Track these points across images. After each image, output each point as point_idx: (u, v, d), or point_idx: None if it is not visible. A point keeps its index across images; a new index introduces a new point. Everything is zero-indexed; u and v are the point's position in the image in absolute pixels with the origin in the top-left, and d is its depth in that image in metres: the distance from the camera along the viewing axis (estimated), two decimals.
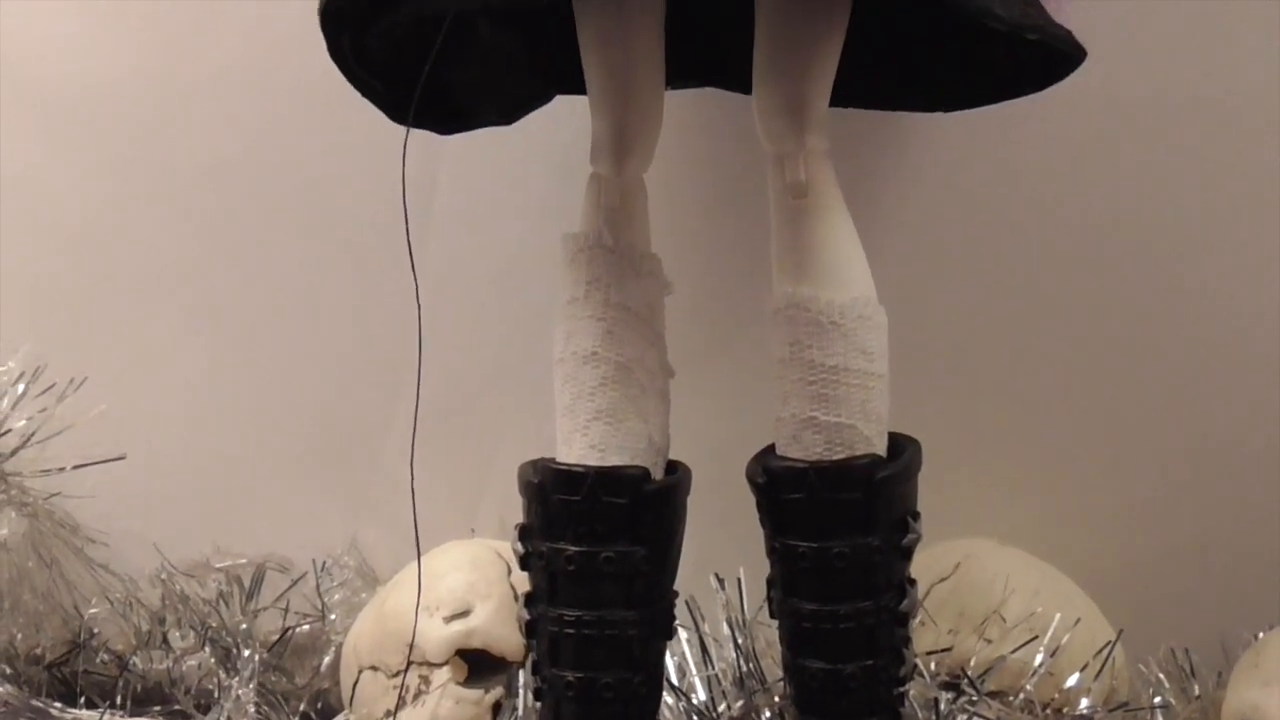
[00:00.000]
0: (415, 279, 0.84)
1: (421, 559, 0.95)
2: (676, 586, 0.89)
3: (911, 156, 1.11)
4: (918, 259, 1.11)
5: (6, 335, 1.17)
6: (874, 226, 0.91)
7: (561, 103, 1.00)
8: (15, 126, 1.21)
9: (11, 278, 1.23)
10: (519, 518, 0.87)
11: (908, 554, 0.82)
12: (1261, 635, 1.02)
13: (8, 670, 1.16)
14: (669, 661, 0.99)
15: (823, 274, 0.82)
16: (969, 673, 0.95)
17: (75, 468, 1.16)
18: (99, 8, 1.19)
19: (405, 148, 0.81)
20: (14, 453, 1.15)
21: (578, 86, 0.91)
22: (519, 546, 0.86)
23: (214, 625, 1.16)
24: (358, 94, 0.87)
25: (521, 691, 1.01)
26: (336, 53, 0.82)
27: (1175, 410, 1.13)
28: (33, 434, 1.15)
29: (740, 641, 1.02)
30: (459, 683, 1.02)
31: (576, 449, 0.86)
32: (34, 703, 1.13)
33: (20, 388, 1.16)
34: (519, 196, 1.17)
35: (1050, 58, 0.83)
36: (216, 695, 1.13)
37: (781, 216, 0.83)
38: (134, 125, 1.21)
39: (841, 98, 0.87)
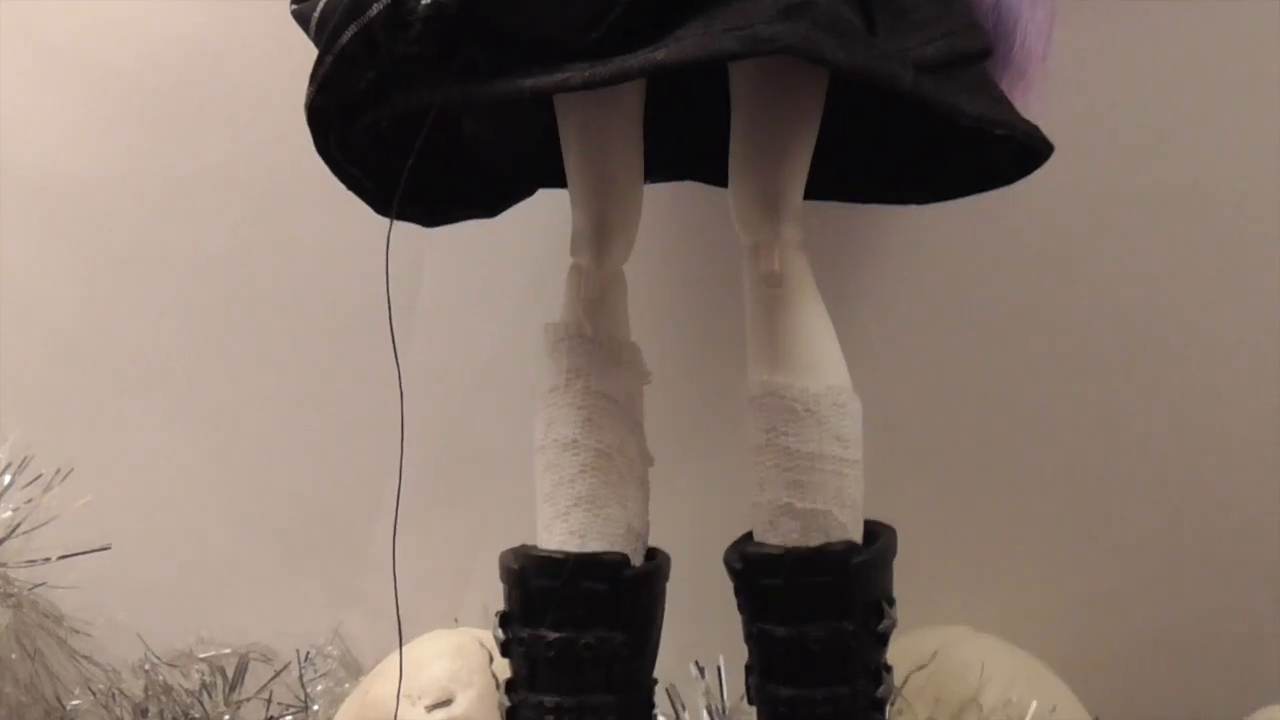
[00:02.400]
0: (399, 368, 0.85)
1: (404, 647, 0.95)
2: (656, 674, 0.89)
3: (884, 247, 1.13)
4: (890, 347, 1.12)
5: None
6: (847, 315, 0.93)
7: (543, 195, 1.02)
8: (4, 219, 1.23)
9: (2, 369, 1.24)
10: (502, 605, 0.88)
11: (883, 639, 0.83)
12: None
13: None
14: None
15: (798, 362, 0.83)
16: None
17: (60, 558, 1.16)
18: (87, 104, 1.21)
19: (389, 240, 0.83)
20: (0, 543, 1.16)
21: (559, 180, 0.93)
22: (500, 633, 0.87)
23: (197, 716, 1.16)
24: (343, 188, 0.89)
25: None
26: (323, 149, 0.84)
27: (1151, 497, 1.14)
28: (19, 525, 1.16)
29: None
30: None
31: (557, 535, 0.87)
32: None
33: (7, 478, 1.17)
34: (501, 287, 1.19)
35: (1019, 152, 0.85)
36: None
37: (757, 305, 0.85)
38: (120, 219, 1.22)
39: (816, 191, 0.89)
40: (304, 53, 0.83)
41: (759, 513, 0.84)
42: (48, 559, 1.16)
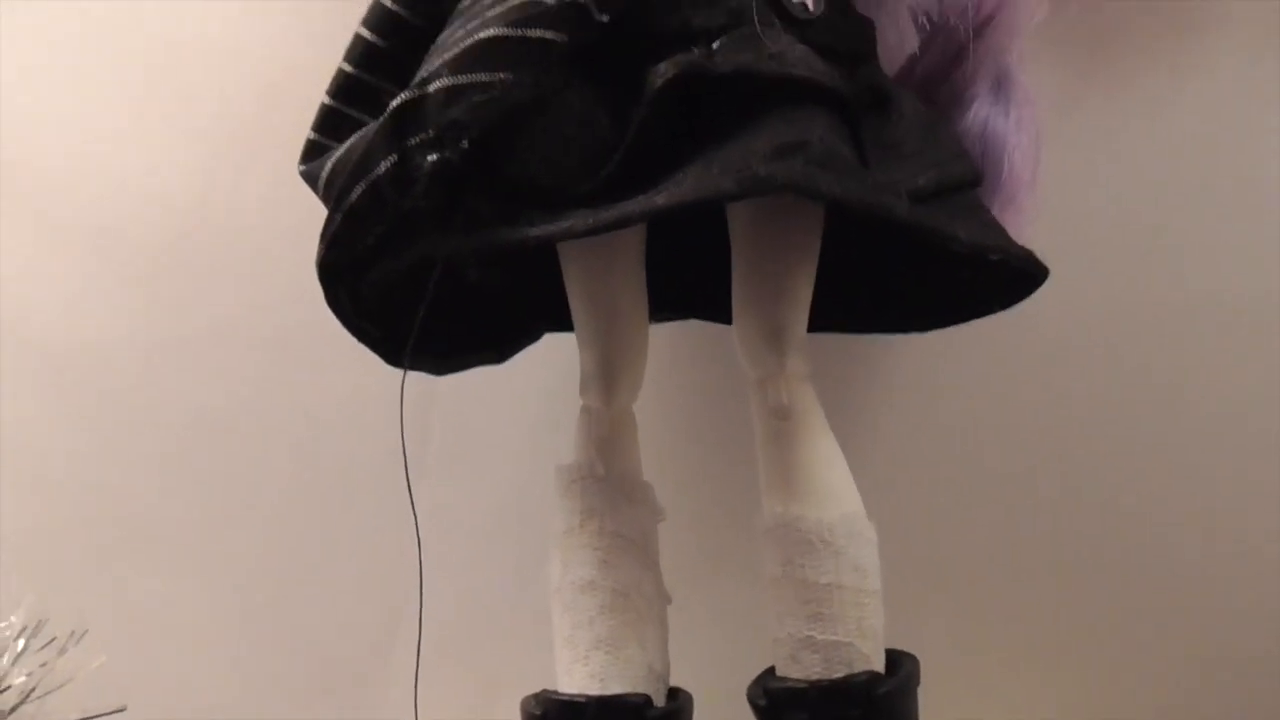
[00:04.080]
0: (415, 518, 0.85)
1: None
2: None
3: (888, 374, 1.14)
4: (901, 472, 1.13)
5: (8, 589, 1.17)
6: (857, 442, 0.94)
7: (550, 338, 1.03)
8: (10, 380, 1.23)
9: (12, 533, 1.24)
10: None
11: None
12: None
13: None
14: None
15: (810, 493, 0.84)
16: None
17: None
18: (89, 265, 1.22)
19: (403, 391, 0.84)
20: (14, 709, 1.15)
21: (565, 323, 0.95)
22: None
23: None
24: (350, 340, 0.89)
25: None
26: (334, 303, 0.85)
27: (1175, 621, 1.14)
28: (33, 689, 1.15)
29: None
30: None
31: (577, 679, 0.86)
32: None
33: (21, 643, 1.16)
34: (512, 431, 1.20)
35: (1014, 276, 0.87)
36: None
37: (766, 438, 0.86)
38: (126, 379, 1.23)
39: (818, 323, 0.90)
40: (308, 209, 0.86)
41: (779, 647, 0.83)
42: None
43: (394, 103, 0.78)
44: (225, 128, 1.20)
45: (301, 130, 0.89)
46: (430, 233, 0.79)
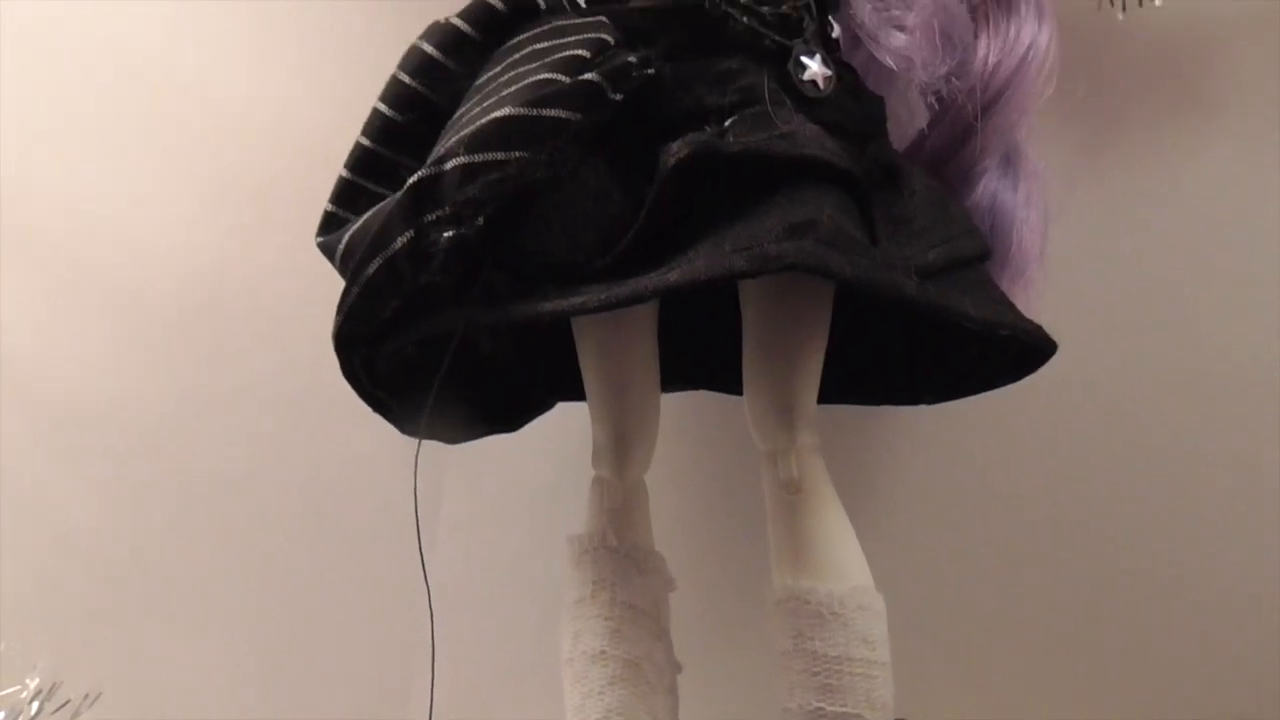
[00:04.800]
0: (428, 588, 0.86)
1: None
2: None
3: (898, 446, 1.15)
4: (911, 545, 1.14)
5: (23, 651, 1.17)
6: (866, 515, 0.95)
7: (561, 406, 1.04)
8: (29, 443, 1.24)
9: (28, 594, 1.24)
10: None
11: None
12: None
13: None
14: None
15: (820, 565, 0.84)
16: None
17: None
18: (111, 329, 1.23)
19: (417, 463, 0.84)
20: None
21: (577, 392, 0.95)
22: None
23: None
24: (364, 407, 0.90)
25: None
26: (349, 374, 0.86)
27: (1185, 691, 1.14)
28: None
29: None
30: None
31: None
32: None
33: (35, 706, 1.16)
34: (523, 500, 1.20)
35: (1023, 350, 0.88)
36: None
37: (777, 510, 0.87)
38: (146, 441, 1.24)
39: (828, 395, 0.91)
40: (323, 275, 0.86)
41: (789, 717, 0.84)
42: None
43: (411, 179, 0.79)
44: (243, 195, 1.21)
45: (319, 198, 0.90)
46: (446, 307, 0.80)
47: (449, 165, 0.78)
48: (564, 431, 1.04)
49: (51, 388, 1.24)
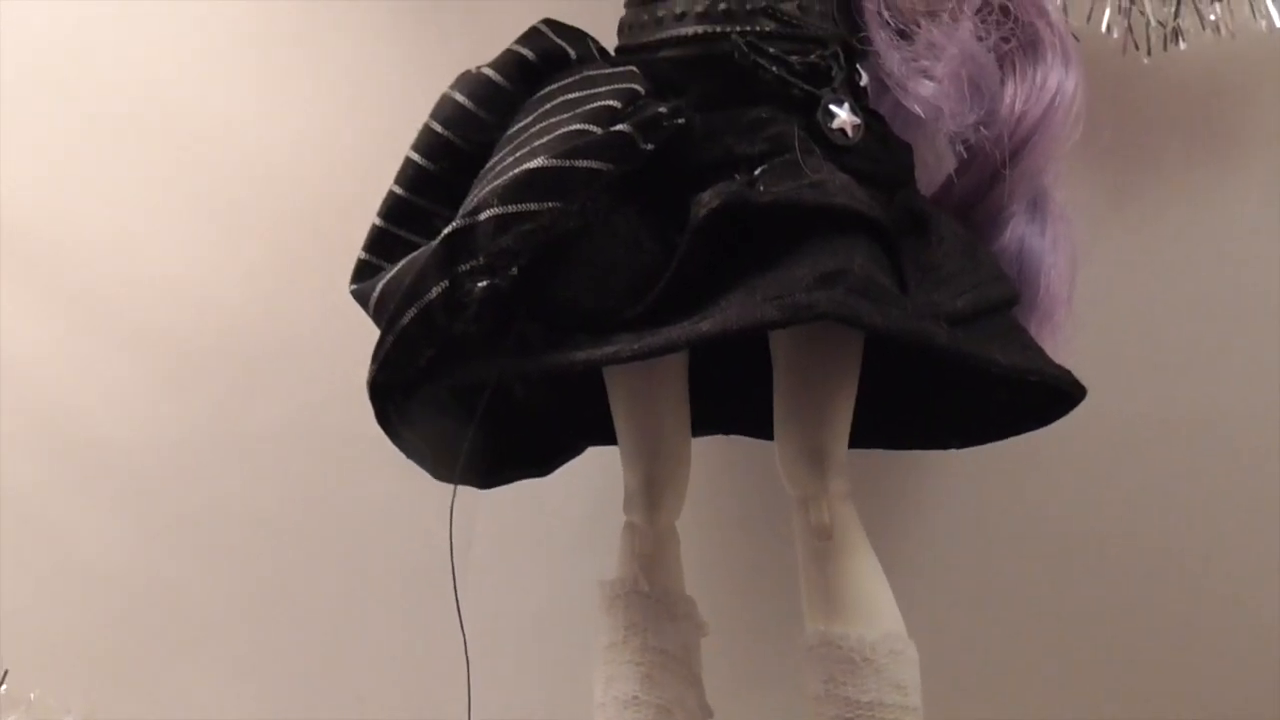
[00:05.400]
0: (463, 628, 0.86)
1: None
2: None
3: (928, 490, 1.15)
4: (943, 591, 1.14)
5: (59, 693, 1.18)
6: (898, 561, 0.95)
7: (593, 451, 1.05)
8: (58, 484, 1.25)
9: (61, 635, 1.25)
10: None
11: None
12: None
13: None
14: None
15: (852, 611, 0.84)
16: None
17: None
18: (143, 369, 1.24)
19: (452, 507, 0.85)
20: None
21: (609, 438, 0.96)
22: None
23: None
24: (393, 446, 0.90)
25: None
26: (383, 420, 0.86)
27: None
28: None
29: None
30: None
31: None
32: None
33: None
34: (554, 542, 1.21)
35: (1051, 395, 0.88)
36: None
37: (808, 557, 0.87)
38: (176, 481, 1.24)
39: (857, 440, 0.91)
40: (354, 316, 0.88)
41: None
42: None
43: (445, 230, 0.80)
44: (274, 235, 1.22)
45: (349, 239, 0.91)
46: (480, 356, 0.81)
47: (483, 216, 0.79)
48: (593, 473, 1.04)
49: (81, 425, 1.25)
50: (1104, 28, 1.04)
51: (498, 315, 0.79)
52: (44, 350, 1.23)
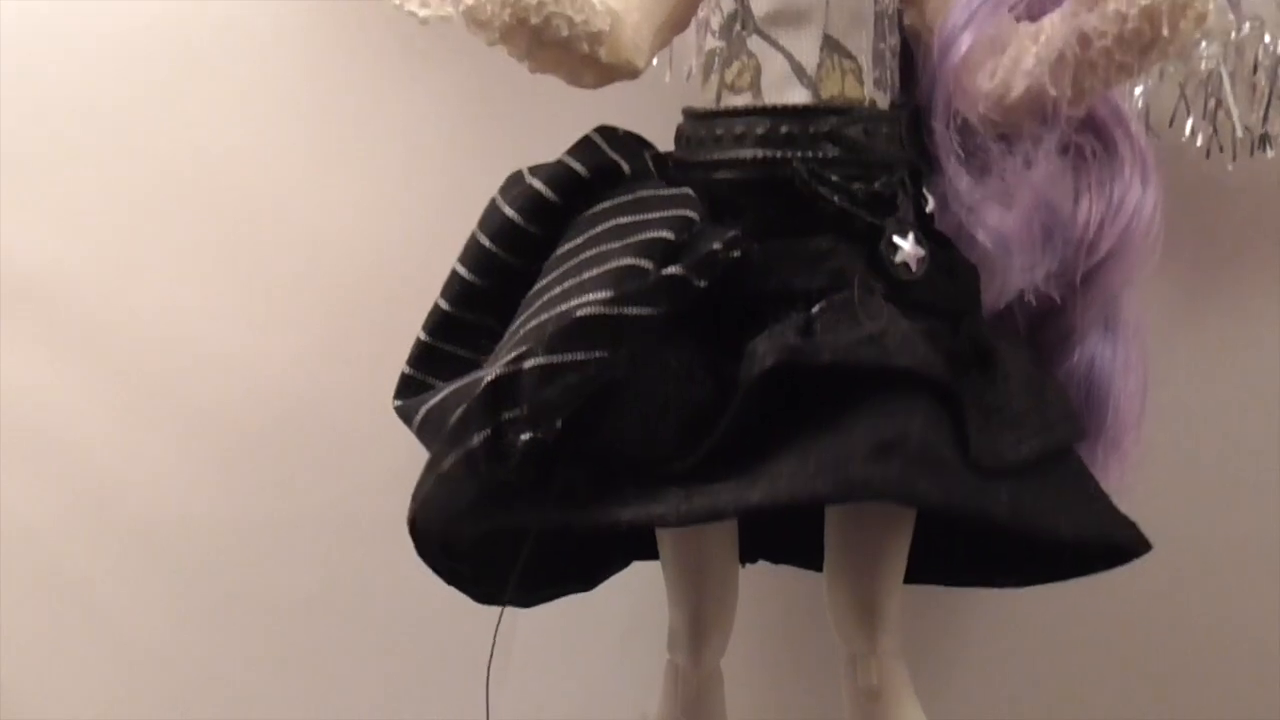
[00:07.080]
0: None
1: None
2: None
3: (979, 645, 1.12)
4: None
5: None
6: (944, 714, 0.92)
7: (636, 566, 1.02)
8: (104, 560, 1.24)
9: (107, 709, 1.25)
10: None
11: None
12: None
13: None
14: None
15: None
16: None
17: None
18: (184, 446, 1.23)
19: (497, 631, 0.84)
20: None
21: (652, 552, 0.94)
22: None
23: None
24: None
25: None
26: (425, 553, 0.85)
27: None
28: None
29: None
30: None
31: None
32: None
33: None
34: (596, 652, 1.20)
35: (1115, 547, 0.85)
36: None
37: (857, 713, 0.85)
38: (220, 559, 1.23)
39: (913, 576, 0.88)
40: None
41: None
42: None
43: (489, 377, 0.77)
44: (324, 315, 1.21)
45: (400, 320, 0.90)
46: (523, 503, 0.78)
47: (527, 365, 0.76)
48: (635, 585, 1.01)
49: (128, 502, 1.24)
50: (1187, 132, 0.99)
51: (541, 466, 0.77)
52: (94, 428, 1.23)
